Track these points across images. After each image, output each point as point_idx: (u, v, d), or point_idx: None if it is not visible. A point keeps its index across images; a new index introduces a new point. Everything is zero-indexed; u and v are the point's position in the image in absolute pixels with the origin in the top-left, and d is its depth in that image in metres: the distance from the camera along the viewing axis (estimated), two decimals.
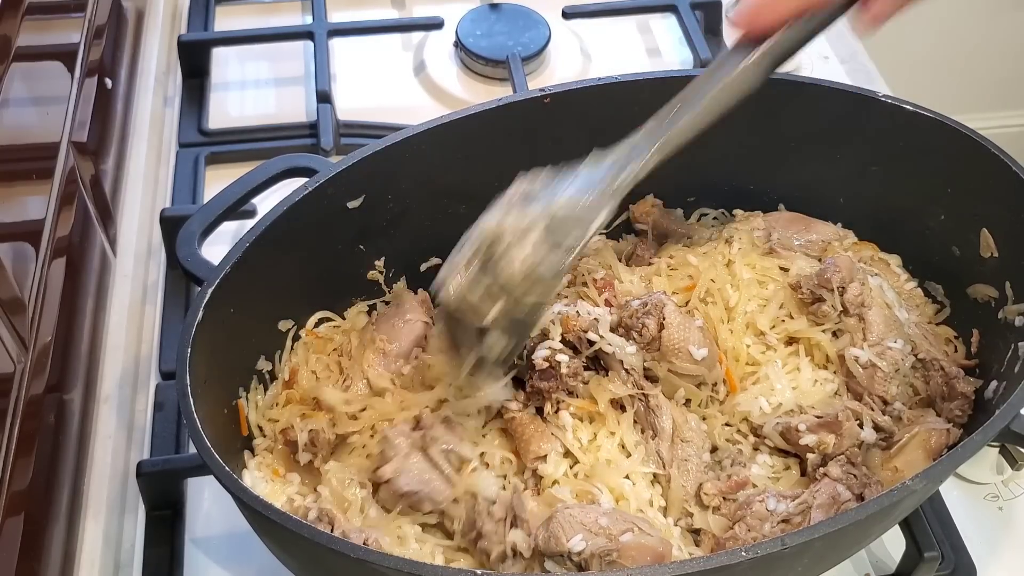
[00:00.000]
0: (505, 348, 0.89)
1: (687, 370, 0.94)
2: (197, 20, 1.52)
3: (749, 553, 0.71)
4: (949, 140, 1.00)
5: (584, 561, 0.79)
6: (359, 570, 0.72)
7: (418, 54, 1.51)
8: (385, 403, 0.96)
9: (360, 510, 0.89)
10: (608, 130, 1.08)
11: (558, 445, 0.91)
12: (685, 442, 0.92)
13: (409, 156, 1.01)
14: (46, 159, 1.01)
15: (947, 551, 0.95)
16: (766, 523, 0.85)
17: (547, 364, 0.93)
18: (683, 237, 1.11)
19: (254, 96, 1.45)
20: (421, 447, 0.90)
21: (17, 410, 0.84)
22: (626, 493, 0.88)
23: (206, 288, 0.89)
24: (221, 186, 1.00)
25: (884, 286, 1.02)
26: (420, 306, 1.04)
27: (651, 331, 0.93)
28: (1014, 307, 0.95)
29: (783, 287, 1.02)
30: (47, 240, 0.96)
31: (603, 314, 0.96)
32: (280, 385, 0.99)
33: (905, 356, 0.97)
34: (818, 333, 0.99)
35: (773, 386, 0.96)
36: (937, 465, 0.79)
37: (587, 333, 0.94)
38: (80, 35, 1.16)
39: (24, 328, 0.87)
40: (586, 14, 1.52)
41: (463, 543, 0.87)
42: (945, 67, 2.41)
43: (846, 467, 0.89)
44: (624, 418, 0.92)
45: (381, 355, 0.99)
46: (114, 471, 1.01)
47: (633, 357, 0.94)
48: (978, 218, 1.00)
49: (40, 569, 0.86)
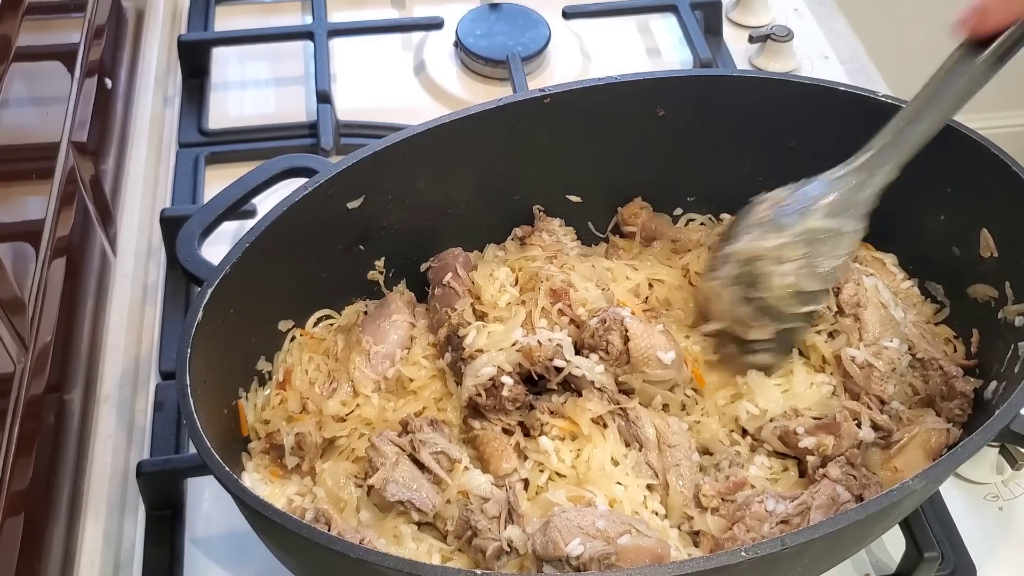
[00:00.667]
0: (775, 352, 0.96)
1: (659, 376, 0.94)
2: (197, 20, 1.52)
3: (749, 553, 0.71)
4: (949, 140, 1.00)
5: (583, 565, 0.79)
6: (358, 570, 0.72)
7: (418, 54, 1.51)
8: (371, 406, 0.97)
9: (356, 510, 0.89)
10: (608, 130, 1.09)
11: (528, 464, 0.91)
12: (672, 447, 0.91)
13: (409, 156, 1.01)
14: (46, 159, 1.01)
15: (947, 551, 0.95)
16: (765, 524, 0.85)
17: (491, 383, 0.93)
18: (671, 240, 1.11)
19: (254, 96, 1.45)
20: (410, 452, 0.90)
21: (17, 410, 0.84)
22: (619, 497, 0.88)
23: (206, 288, 0.89)
24: (221, 186, 1.00)
25: (880, 286, 1.02)
26: (406, 307, 1.04)
27: (617, 346, 0.93)
28: (1014, 307, 0.95)
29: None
30: (47, 240, 0.96)
31: (564, 338, 0.95)
32: (274, 386, 0.99)
33: (901, 355, 0.97)
34: (811, 335, 0.99)
35: (755, 392, 0.96)
36: (937, 465, 0.79)
37: (553, 361, 0.94)
38: (80, 35, 1.16)
39: (24, 328, 0.87)
40: (586, 14, 1.52)
41: (458, 544, 0.87)
42: None
43: (845, 468, 0.89)
44: (608, 433, 0.92)
45: (366, 357, 0.99)
46: (114, 471, 1.01)
47: (603, 376, 0.94)
48: (978, 218, 1.00)
49: (40, 569, 0.86)
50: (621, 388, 0.95)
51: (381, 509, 0.89)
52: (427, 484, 0.89)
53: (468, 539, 0.85)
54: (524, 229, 1.12)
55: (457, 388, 0.97)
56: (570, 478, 0.91)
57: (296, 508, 0.88)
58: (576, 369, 0.93)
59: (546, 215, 1.12)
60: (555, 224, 1.11)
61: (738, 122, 1.09)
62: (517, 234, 1.12)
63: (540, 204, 1.12)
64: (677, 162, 1.12)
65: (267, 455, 0.94)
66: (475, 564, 0.85)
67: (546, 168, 1.10)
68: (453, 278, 1.03)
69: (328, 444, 0.95)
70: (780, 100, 1.07)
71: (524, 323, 0.97)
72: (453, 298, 1.01)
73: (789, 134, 1.09)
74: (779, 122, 1.08)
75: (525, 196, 1.11)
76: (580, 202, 1.13)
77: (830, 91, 1.06)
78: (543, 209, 1.12)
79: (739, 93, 1.08)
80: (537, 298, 0.99)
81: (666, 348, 0.94)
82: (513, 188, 1.10)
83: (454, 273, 1.03)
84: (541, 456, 0.92)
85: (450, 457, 0.90)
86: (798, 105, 1.07)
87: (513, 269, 1.05)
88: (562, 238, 1.10)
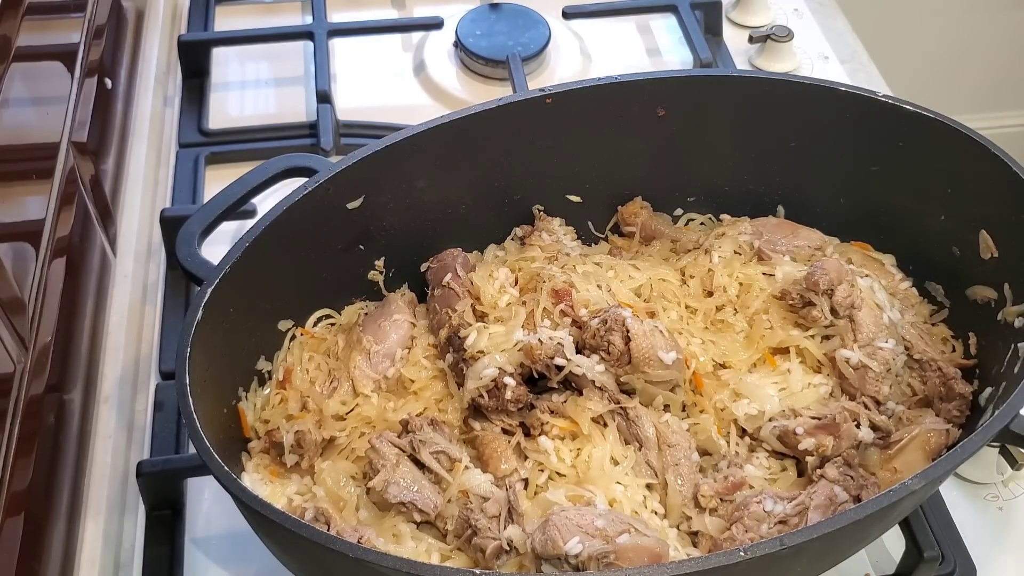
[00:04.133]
0: None
1: (660, 376, 0.94)
2: (197, 20, 1.52)
3: (748, 553, 0.71)
4: (949, 140, 1.00)
5: (581, 564, 0.79)
6: (357, 569, 0.72)
7: (418, 54, 1.51)
8: (371, 405, 0.97)
9: (356, 509, 0.89)
10: (608, 130, 1.09)
11: (528, 464, 0.92)
12: (672, 447, 0.91)
13: (409, 156, 1.02)
14: (46, 159, 1.01)
15: (947, 551, 0.95)
16: (763, 524, 0.85)
17: (493, 384, 0.93)
18: (670, 240, 1.11)
19: (254, 96, 1.45)
20: (410, 452, 0.90)
21: (17, 410, 0.84)
22: (618, 496, 0.88)
23: (206, 288, 0.89)
24: (221, 186, 1.00)
25: (875, 287, 1.02)
26: (407, 306, 1.04)
27: (618, 347, 0.93)
28: (1014, 308, 0.95)
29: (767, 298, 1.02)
30: (47, 240, 0.96)
31: (565, 336, 0.95)
32: (274, 385, 0.99)
33: (896, 356, 0.97)
34: (802, 339, 0.99)
35: (753, 393, 0.96)
36: (936, 466, 0.79)
37: (554, 359, 0.94)
38: (80, 35, 1.16)
39: (24, 328, 0.87)
40: (586, 14, 1.52)
41: (458, 544, 0.87)
42: (945, 67, 2.41)
43: (843, 468, 0.89)
44: (608, 432, 0.92)
45: (366, 356, 0.99)
46: (114, 471, 1.01)
47: (603, 375, 0.94)
48: (978, 218, 1.00)
49: (40, 569, 0.86)
50: (622, 388, 0.95)
51: (380, 508, 0.89)
52: (428, 485, 0.89)
53: (468, 538, 0.85)
54: (524, 229, 1.12)
55: (458, 390, 0.97)
56: (570, 477, 0.91)
57: (296, 508, 0.89)
58: (577, 368, 0.93)
59: (546, 215, 1.12)
60: (555, 224, 1.11)
61: (738, 122, 1.09)
62: (517, 234, 1.12)
63: (540, 204, 1.12)
64: (677, 162, 1.12)
65: (267, 455, 0.94)
66: (474, 563, 0.85)
67: (546, 168, 1.10)
68: (452, 279, 1.03)
69: (328, 443, 0.95)
70: (780, 100, 1.07)
71: (525, 324, 0.98)
72: (453, 299, 1.01)
73: (789, 134, 1.09)
74: (779, 122, 1.08)
75: (525, 196, 1.11)
76: (580, 202, 1.13)
77: (830, 91, 1.06)
78: (543, 209, 1.12)
79: (739, 93, 1.08)
80: (539, 299, 0.99)
81: (667, 348, 0.94)
82: (513, 188, 1.10)
83: (453, 274, 1.03)
84: (541, 456, 0.92)
85: (450, 457, 0.90)
86: (798, 105, 1.07)
87: (513, 270, 1.05)
88: (562, 238, 1.10)
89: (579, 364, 0.93)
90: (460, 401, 0.96)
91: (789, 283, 1.02)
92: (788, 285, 1.02)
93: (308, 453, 0.93)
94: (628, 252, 1.11)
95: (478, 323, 0.98)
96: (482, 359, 0.94)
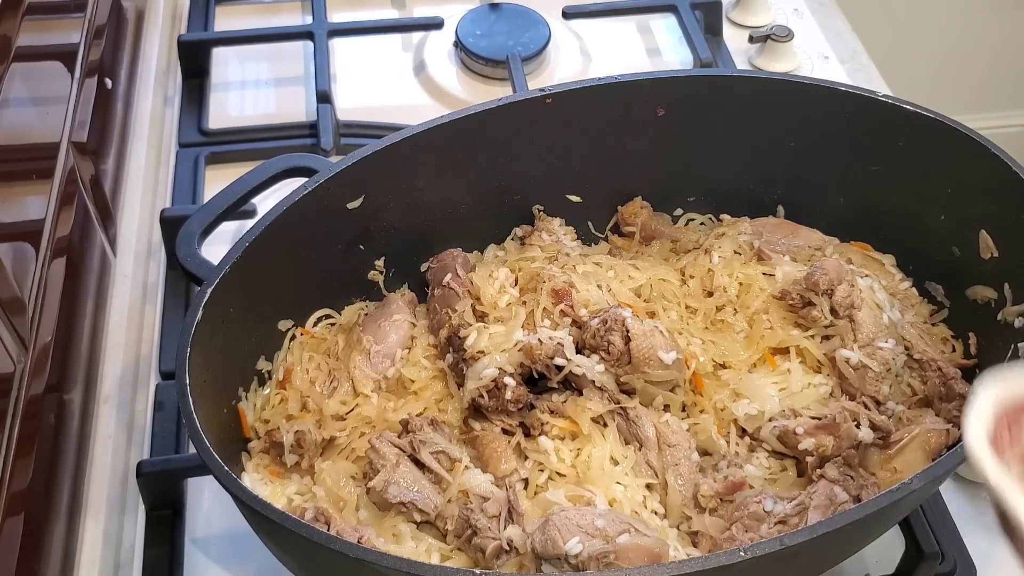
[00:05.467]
0: None
1: (661, 376, 0.94)
2: (197, 20, 1.52)
3: (748, 553, 0.71)
4: (949, 140, 1.00)
5: (581, 564, 0.79)
6: (357, 569, 0.72)
7: (418, 54, 1.51)
8: (371, 405, 0.97)
9: (356, 509, 0.89)
10: (608, 130, 1.09)
11: (528, 464, 0.91)
12: (672, 447, 0.91)
13: (409, 156, 1.02)
14: (46, 159, 1.01)
15: (947, 551, 0.95)
16: (763, 524, 0.85)
17: (493, 384, 0.93)
18: (670, 240, 1.11)
19: (254, 96, 1.45)
20: (410, 452, 0.90)
21: (17, 410, 0.84)
22: (618, 496, 0.88)
23: (206, 288, 0.89)
24: (221, 186, 1.01)
25: (875, 287, 1.02)
26: (407, 306, 1.04)
27: (618, 347, 0.93)
28: (1014, 308, 0.95)
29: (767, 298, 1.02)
30: (47, 240, 0.96)
31: (565, 336, 0.95)
32: (274, 385, 0.99)
33: (896, 356, 0.97)
34: (802, 339, 0.99)
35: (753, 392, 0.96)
36: (936, 465, 0.79)
37: (554, 359, 0.94)
38: (80, 35, 1.16)
39: (24, 328, 0.87)
40: (586, 14, 1.52)
41: (458, 544, 0.87)
42: (945, 67, 2.41)
43: (843, 468, 0.89)
44: (608, 432, 0.92)
45: (366, 356, 0.99)
46: (114, 471, 1.01)
47: (603, 375, 0.94)
48: (978, 218, 1.00)
49: (40, 569, 0.86)
50: (622, 388, 0.95)
51: (380, 508, 0.89)
52: (428, 485, 0.89)
53: (468, 538, 0.85)
54: (524, 229, 1.12)
55: (458, 390, 0.97)
56: (570, 478, 0.91)
57: (296, 508, 0.89)
58: (577, 368, 0.93)
59: (546, 215, 1.12)
60: (555, 224, 1.11)
61: (738, 122, 1.09)
62: (517, 234, 1.12)
63: (540, 204, 1.12)
64: (677, 162, 1.12)
65: (267, 455, 0.94)
66: (474, 563, 0.85)
67: (546, 168, 1.10)
68: (452, 279, 1.03)
69: (328, 443, 0.95)
70: (780, 100, 1.07)
71: (525, 324, 0.98)
72: (453, 299, 1.01)
73: (789, 134, 1.09)
74: (779, 122, 1.08)
75: (525, 196, 1.12)
76: (580, 202, 1.13)
77: (830, 91, 1.06)
78: (543, 209, 1.12)
79: (739, 93, 1.08)
80: (539, 299, 0.99)
81: (667, 348, 0.94)
82: (513, 188, 1.11)
83: (453, 274, 1.03)
84: (541, 456, 0.92)
85: (450, 456, 0.90)
86: (798, 105, 1.07)
87: (513, 270, 1.05)
88: (562, 238, 1.10)
89: (579, 364, 0.93)
90: (460, 401, 0.96)
91: (789, 283, 1.02)
92: (788, 285, 1.02)
93: (308, 453, 0.93)
94: (628, 252, 1.12)
95: (478, 323, 0.98)
96: (482, 359, 0.94)
